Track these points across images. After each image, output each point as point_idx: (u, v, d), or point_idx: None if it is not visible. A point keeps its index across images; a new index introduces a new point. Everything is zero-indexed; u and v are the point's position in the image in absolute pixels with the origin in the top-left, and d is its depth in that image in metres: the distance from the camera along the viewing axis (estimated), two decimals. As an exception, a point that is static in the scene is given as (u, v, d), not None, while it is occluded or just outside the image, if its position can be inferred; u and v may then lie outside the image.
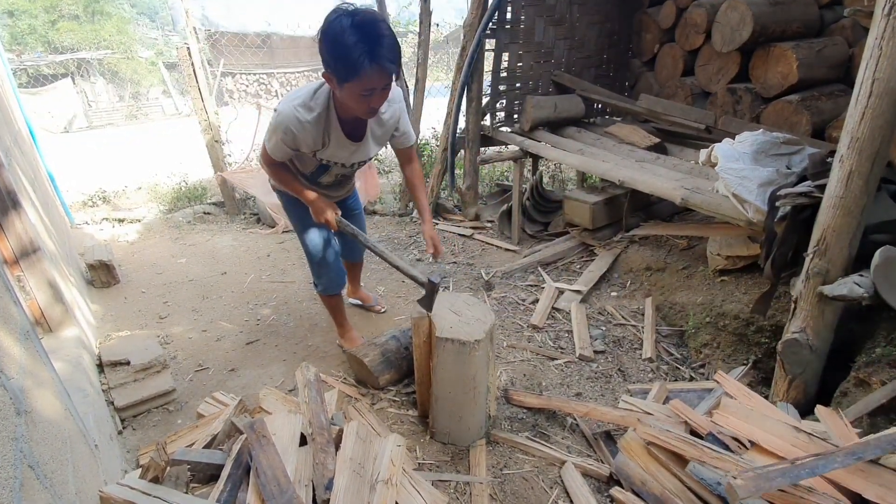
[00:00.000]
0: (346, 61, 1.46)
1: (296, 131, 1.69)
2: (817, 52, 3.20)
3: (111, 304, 3.00)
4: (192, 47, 4.12)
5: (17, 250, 1.90)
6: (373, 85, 1.52)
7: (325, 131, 1.74)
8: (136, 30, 16.67)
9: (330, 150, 1.82)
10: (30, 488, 0.90)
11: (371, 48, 1.43)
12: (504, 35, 3.64)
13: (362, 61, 1.43)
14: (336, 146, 1.80)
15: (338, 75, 1.52)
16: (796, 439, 1.51)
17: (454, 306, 1.84)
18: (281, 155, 1.81)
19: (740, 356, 2.30)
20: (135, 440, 1.94)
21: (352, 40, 1.42)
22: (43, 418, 1.11)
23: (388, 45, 1.47)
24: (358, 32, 1.42)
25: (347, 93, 1.55)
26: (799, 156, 2.21)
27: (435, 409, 1.82)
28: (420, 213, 2.11)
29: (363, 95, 1.55)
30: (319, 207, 1.90)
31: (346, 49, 1.43)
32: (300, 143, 1.75)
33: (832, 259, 1.71)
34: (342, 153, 1.84)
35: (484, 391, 1.79)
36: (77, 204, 4.93)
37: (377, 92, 1.56)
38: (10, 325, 1.12)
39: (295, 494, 1.18)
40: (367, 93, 1.54)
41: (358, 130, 1.81)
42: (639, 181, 2.74)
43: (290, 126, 1.69)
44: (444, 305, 1.84)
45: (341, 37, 1.43)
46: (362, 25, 1.43)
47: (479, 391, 1.76)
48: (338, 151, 1.83)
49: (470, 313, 1.80)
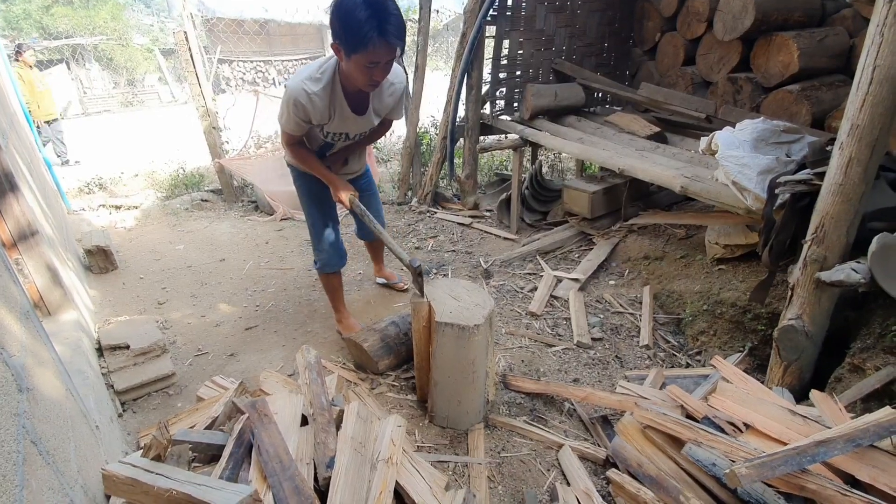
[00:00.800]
0: (355, 33, 1.56)
1: (304, 103, 1.78)
2: (818, 41, 3.19)
3: (109, 290, 3.00)
4: (189, 32, 4.08)
5: (14, 233, 1.90)
6: (378, 58, 1.62)
7: (331, 103, 1.84)
8: (130, 16, 16.45)
9: (336, 123, 1.92)
10: (32, 463, 0.90)
11: (380, 23, 1.54)
12: (505, 22, 3.61)
13: (371, 35, 1.54)
14: (340, 118, 1.91)
15: (346, 47, 1.62)
16: (792, 422, 1.53)
17: (454, 292, 1.85)
18: (294, 128, 1.89)
19: (737, 343, 2.32)
20: (135, 423, 1.94)
21: (363, 15, 1.52)
22: (44, 396, 1.11)
23: (395, 22, 1.57)
24: (369, 8, 1.53)
25: (353, 64, 1.65)
26: (799, 144, 2.21)
27: (434, 393, 1.83)
28: None
29: (367, 67, 1.65)
30: (337, 187, 2.00)
31: (356, 22, 1.54)
32: (311, 115, 1.83)
33: (830, 246, 1.72)
34: (346, 125, 1.95)
35: (483, 376, 1.81)
36: (73, 190, 4.90)
37: (381, 65, 1.67)
38: (11, 303, 1.12)
39: (297, 472, 1.20)
40: (372, 65, 1.64)
41: (362, 104, 1.93)
42: (639, 169, 2.74)
43: (300, 99, 1.77)
44: (444, 291, 1.84)
45: (353, 11, 1.53)
46: (373, 2, 1.54)
47: (478, 376, 1.77)
48: (342, 123, 1.93)
49: (469, 299, 1.81)
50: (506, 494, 1.63)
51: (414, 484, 1.40)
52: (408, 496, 1.37)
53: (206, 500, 1.02)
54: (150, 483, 1.10)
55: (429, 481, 1.42)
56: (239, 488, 1.07)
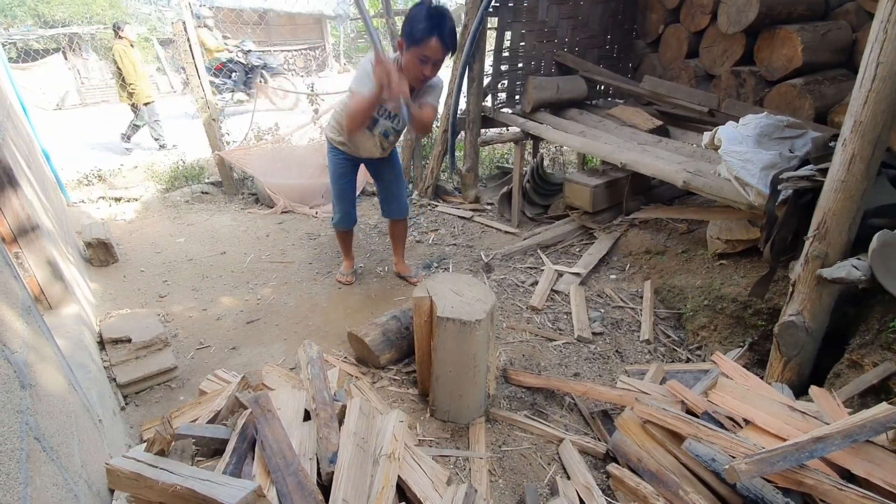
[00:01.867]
0: (417, 31, 2.02)
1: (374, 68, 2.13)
2: (822, 35, 3.17)
3: (110, 283, 3.00)
4: (188, 22, 4.03)
5: (14, 228, 1.89)
6: (430, 53, 2.06)
7: None
8: (128, 4, 16.25)
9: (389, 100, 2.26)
10: (36, 460, 0.91)
11: (437, 26, 2.01)
12: (507, 13, 3.58)
13: (427, 32, 2.01)
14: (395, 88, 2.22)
15: (407, 40, 2.08)
16: (790, 418, 1.54)
17: (455, 287, 1.85)
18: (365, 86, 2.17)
19: (737, 338, 2.32)
20: (137, 416, 1.95)
21: (425, 19, 2.01)
22: (47, 392, 1.11)
23: (449, 28, 2.05)
24: (431, 14, 2.01)
25: (410, 55, 2.10)
26: (802, 139, 2.20)
27: (435, 387, 1.84)
28: None
29: (420, 61, 2.09)
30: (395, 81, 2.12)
31: (420, 23, 2.01)
32: None
33: (832, 242, 1.72)
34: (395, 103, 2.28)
35: (484, 370, 1.81)
36: (72, 182, 4.87)
37: (431, 62, 2.11)
38: (12, 299, 1.12)
39: (300, 467, 1.20)
40: (425, 59, 2.09)
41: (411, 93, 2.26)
42: (641, 164, 2.73)
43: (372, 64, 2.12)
44: (446, 286, 1.85)
45: (419, 14, 2.02)
46: (436, 12, 2.02)
47: (479, 370, 1.78)
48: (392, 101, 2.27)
49: (471, 294, 1.81)
50: (507, 488, 1.65)
51: (416, 478, 1.41)
52: (410, 490, 1.38)
53: (211, 495, 1.03)
54: (154, 478, 1.11)
55: (430, 476, 1.43)
56: (243, 483, 1.08)
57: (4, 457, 0.79)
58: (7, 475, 0.77)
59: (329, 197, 4.14)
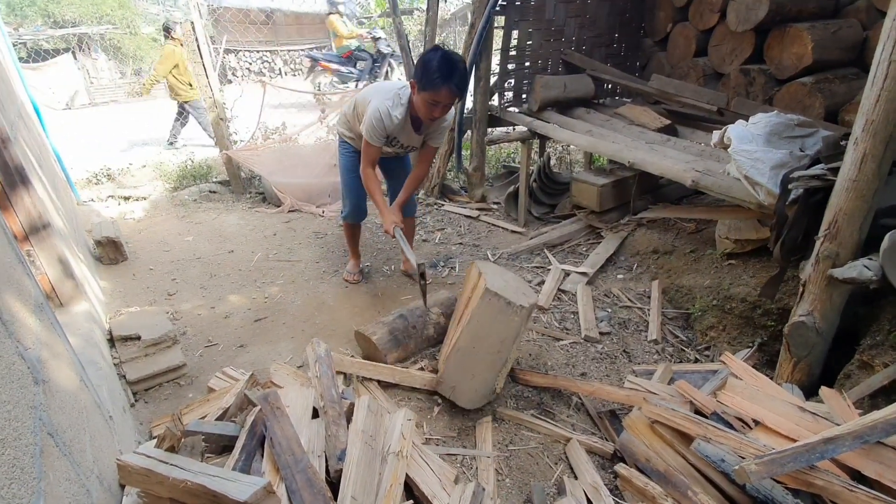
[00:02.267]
0: (429, 77, 2.06)
1: (385, 122, 2.28)
2: (832, 33, 3.14)
3: (119, 281, 3.02)
4: (196, 23, 4.06)
5: (26, 226, 1.91)
6: (440, 99, 2.11)
7: (404, 121, 2.34)
8: (136, 4, 16.35)
9: (399, 133, 2.40)
10: (49, 455, 0.92)
11: (448, 74, 2.04)
12: (514, 12, 3.57)
13: (439, 80, 2.04)
14: (402, 132, 2.40)
15: (419, 84, 2.12)
16: (801, 419, 1.53)
17: (504, 276, 1.91)
18: (377, 140, 2.33)
19: (746, 339, 2.31)
20: (147, 413, 1.97)
21: (437, 65, 2.04)
22: (60, 388, 1.13)
23: (459, 75, 2.07)
24: (443, 62, 2.04)
25: (421, 99, 2.15)
26: (813, 138, 2.19)
27: (452, 358, 1.85)
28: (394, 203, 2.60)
29: (430, 104, 2.15)
30: (385, 215, 2.47)
31: (431, 69, 2.05)
32: (388, 131, 2.33)
33: (843, 242, 1.70)
34: (403, 137, 2.44)
35: (503, 361, 1.82)
36: (82, 181, 4.92)
37: (441, 105, 2.15)
38: (25, 296, 1.13)
39: (309, 464, 1.21)
40: (434, 103, 2.14)
41: (419, 125, 2.42)
42: (649, 163, 2.72)
43: (383, 118, 2.26)
44: (496, 272, 1.91)
45: (431, 60, 2.05)
46: (447, 58, 2.05)
47: (500, 357, 1.80)
48: (402, 134, 2.42)
49: (516, 286, 1.87)
50: (513, 487, 1.65)
51: (424, 477, 1.41)
52: (418, 489, 1.39)
53: (222, 491, 1.04)
54: (164, 474, 1.12)
55: (438, 474, 1.43)
56: (253, 480, 1.09)
57: (19, 452, 0.80)
58: (22, 469, 0.78)
59: (336, 196, 4.16)
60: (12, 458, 0.76)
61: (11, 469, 0.75)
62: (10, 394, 0.83)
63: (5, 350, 0.89)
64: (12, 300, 1.02)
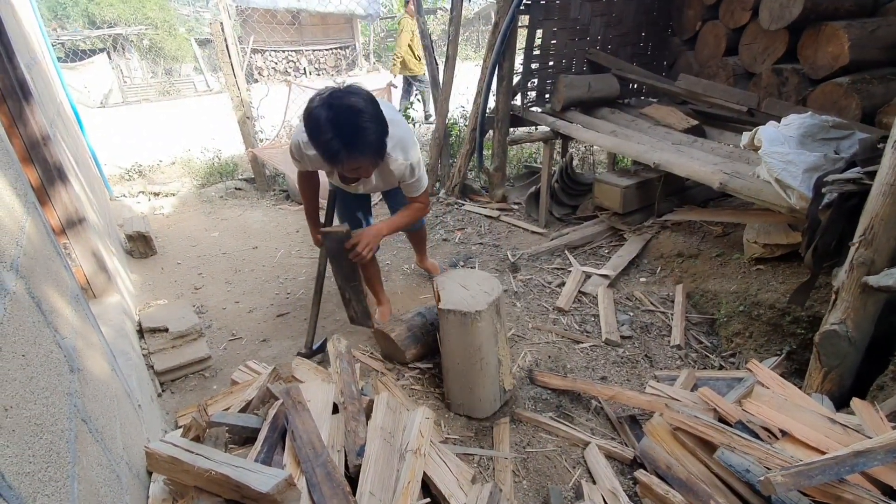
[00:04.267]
0: (325, 154, 1.52)
1: (304, 150, 1.80)
2: (870, 32, 3.02)
3: (149, 274, 3.12)
4: (225, 23, 4.15)
5: (63, 220, 1.99)
6: (355, 167, 1.59)
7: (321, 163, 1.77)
8: (171, 5, 16.83)
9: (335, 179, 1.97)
10: (83, 440, 0.96)
11: (348, 143, 1.48)
12: (539, 11, 3.54)
13: (340, 155, 1.50)
14: (337, 180, 1.95)
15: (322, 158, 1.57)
16: (831, 431, 1.48)
17: (465, 282, 1.89)
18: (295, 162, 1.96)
19: (774, 346, 2.25)
20: (173, 403, 2.03)
21: (328, 136, 1.46)
22: (93, 376, 1.17)
23: (363, 138, 1.51)
24: (334, 128, 1.45)
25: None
26: (848, 141, 2.11)
27: (448, 380, 1.88)
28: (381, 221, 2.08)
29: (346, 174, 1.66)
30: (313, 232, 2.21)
31: (324, 142, 1.48)
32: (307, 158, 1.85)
33: (879, 249, 1.64)
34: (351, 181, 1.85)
35: (494, 364, 1.81)
36: (114, 177, 5.09)
37: (361, 169, 1.63)
38: (62, 288, 1.18)
39: (329, 458, 1.23)
40: (351, 171, 1.62)
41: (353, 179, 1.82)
42: (675, 164, 2.66)
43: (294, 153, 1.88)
44: (455, 281, 1.89)
45: (317, 131, 1.47)
46: (337, 120, 1.45)
47: (487, 363, 1.78)
48: (341, 183, 1.93)
49: (478, 288, 1.84)
50: (530, 489, 1.64)
51: (441, 475, 1.42)
52: (435, 487, 1.39)
53: (245, 482, 1.06)
54: (190, 462, 1.15)
55: (455, 473, 1.44)
56: (275, 472, 1.11)
57: (55, 436, 0.83)
58: (57, 454, 0.82)
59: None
60: (49, 442, 0.80)
61: (48, 453, 0.78)
62: (48, 380, 0.87)
63: (44, 339, 0.92)
64: (51, 291, 1.06)
